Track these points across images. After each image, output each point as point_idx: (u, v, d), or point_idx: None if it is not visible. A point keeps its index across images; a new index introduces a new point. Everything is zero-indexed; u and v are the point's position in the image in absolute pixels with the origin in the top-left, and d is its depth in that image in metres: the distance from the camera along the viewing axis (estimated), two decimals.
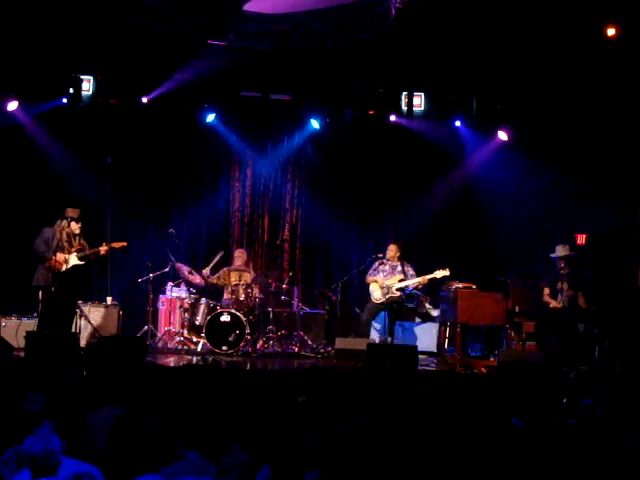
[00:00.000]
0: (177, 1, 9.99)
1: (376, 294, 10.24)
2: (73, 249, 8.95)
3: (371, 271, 10.39)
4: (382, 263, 10.40)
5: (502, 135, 11.35)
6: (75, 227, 8.98)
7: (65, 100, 10.76)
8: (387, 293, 10.17)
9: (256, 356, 9.98)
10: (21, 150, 10.92)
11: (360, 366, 5.63)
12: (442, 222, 11.75)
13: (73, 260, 8.90)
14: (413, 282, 10.22)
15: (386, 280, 10.24)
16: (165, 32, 10.05)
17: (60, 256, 8.83)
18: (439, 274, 9.93)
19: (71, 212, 9.01)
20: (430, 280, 10.20)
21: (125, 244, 9.27)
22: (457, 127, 11.48)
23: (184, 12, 10.00)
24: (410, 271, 10.32)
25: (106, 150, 10.89)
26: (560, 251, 9.49)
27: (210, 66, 10.96)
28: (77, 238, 9.02)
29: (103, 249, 9.06)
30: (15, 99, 10.67)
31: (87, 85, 10.86)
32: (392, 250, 10.44)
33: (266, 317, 10.61)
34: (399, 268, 10.32)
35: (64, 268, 8.83)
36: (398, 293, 10.19)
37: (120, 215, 10.95)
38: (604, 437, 4.66)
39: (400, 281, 10.18)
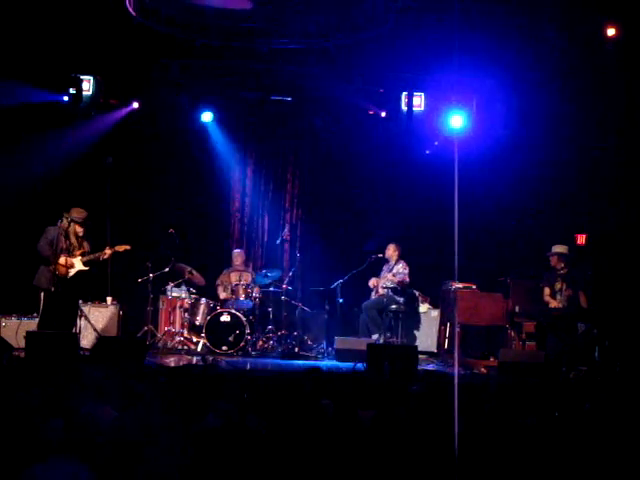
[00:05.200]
0: (177, 1, 9.99)
1: (372, 294, 10.53)
2: (77, 252, 8.92)
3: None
4: (385, 263, 10.65)
5: (503, 134, 11.34)
6: (79, 230, 8.95)
7: (66, 98, 10.75)
8: (377, 292, 10.48)
9: (256, 356, 9.99)
10: (21, 149, 10.91)
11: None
12: (442, 222, 11.73)
13: (78, 265, 8.89)
14: (389, 279, 10.40)
15: (380, 280, 10.51)
16: (165, 32, 10.05)
17: (65, 261, 8.79)
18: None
19: (76, 213, 8.94)
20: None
21: (129, 247, 9.24)
22: (456, 126, 11.47)
23: (184, 12, 10.00)
24: (399, 269, 10.38)
25: (106, 150, 10.89)
26: (555, 249, 9.52)
27: (210, 66, 10.96)
28: (80, 239, 8.99)
29: (107, 252, 9.04)
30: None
31: (87, 85, 10.86)
32: (390, 249, 10.57)
33: (266, 317, 10.61)
34: (393, 266, 10.46)
35: (70, 274, 8.82)
36: (382, 291, 10.37)
37: (120, 215, 10.95)
38: (602, 436, 4.66)
39: (387, 280, 10.44)
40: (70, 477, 3.64)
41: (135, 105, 11.25)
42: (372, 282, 10.54)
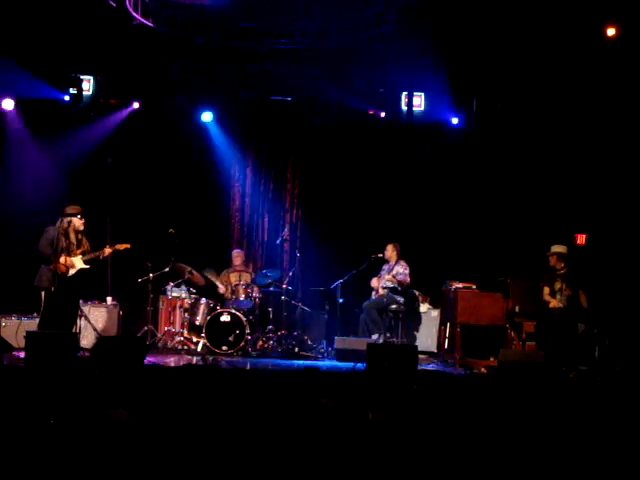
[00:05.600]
0: (177, 1, 10.00)
1: (372, 294, 10.51)
2: (78, 251, 8.91)
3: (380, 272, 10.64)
4: (384, 263, 10.62)
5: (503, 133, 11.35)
6: (79, 224, 8.94)
7: (67, 98, 10.75)
8: (377, 292, 10.44)
9: (256, 356, 9.99)
10: (22, 149, 10.92)
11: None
12: (442, 222, 11.73)
13: (79, 264, 8.89)
14: (390, 280, 10.40)
15: (380, 280, 10.48)
16: (165, 32, 10.06)
17: (66, 260, 8.79)
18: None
19: (71, 209, 8.95)
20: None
21: (129, 246, 9.24)
22: (456, 126, 11.48)
23: (184, 12, 10.01)
24: (399, 269, 10.38)
25: (106, 150, 10.90)
26: (554, 249, 9.52)
27: (210, 66, 10.95)
28: (81, 236, 8.98)
29: (107, 251, 9.04)
30: (12, 97, 10.70)
31: (87, 85, 10.86)
32: (389, 250, 10.57)
33: (266, 317, 10.61)
34: (392, 267, 10.45)
35: (70, 273, 8.82)
36: (382, 292, 10.35)
37: (120, 215, 10.95)
38: (603, 436, 4.66)
39: (387, 280, 10.41)
40: None
41: (136, 105, 11.26)
42: (374, 282, 10.53)
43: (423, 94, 11.24)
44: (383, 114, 11.59)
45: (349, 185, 11.91)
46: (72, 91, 10.69)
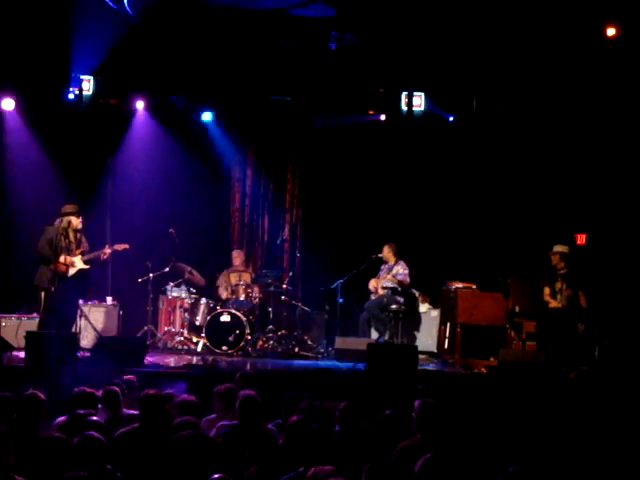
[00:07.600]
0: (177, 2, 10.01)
1: (370, 295, 10.49)
2: (77, 251, 8.93)
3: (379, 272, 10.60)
4: (383, 263, 10.59)
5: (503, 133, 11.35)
6: (77, 222, 8.96)
7: (72, 96, 10.74)
8: (376, 293, 10.41)
9: (256, 356, 9.99)
10: (21, 149, 10.92)
11: None
12: (442, 221, 11.73)
13: (79, 264, 8.91)
14: (390, 280, 10.37)
15: (379, 281, 10.46)
16: (165, 32, 10.07)
17: (66, 259, 8.80)
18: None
19: (69, 208, 8.96)
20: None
21: (128, 247, 9.26)
22: (454, 125, 11.48)
23: (184, 12, 10.02)
24: (399, 269, 10.37)
25: (106, 150, 10.89)
26: (556, 248, 9.52)
27: (210, 66, 10.96)
28: (80, 235, 9.00)
29: (107, 251, 9.06)
30: (13, 97, 10.70)
31: (87, 85, 10.86)
32: (386, 250, 10.54)
33: (266, 317, 10.61)
34: (391, 267, 10.45)
35: (70, 273, 8.83)
36: (382, 292, 10.33)
37: (120, 215, 10.95)
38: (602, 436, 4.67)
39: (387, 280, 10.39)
40: None
41: (139, 105, 11.23)
42: (372, 284, 10.48)
43: (423, 94, 11.23)
44: (383, 115, 11.59)
45: (349, 185, 11.90)
46: (75, 91, 10.68)
